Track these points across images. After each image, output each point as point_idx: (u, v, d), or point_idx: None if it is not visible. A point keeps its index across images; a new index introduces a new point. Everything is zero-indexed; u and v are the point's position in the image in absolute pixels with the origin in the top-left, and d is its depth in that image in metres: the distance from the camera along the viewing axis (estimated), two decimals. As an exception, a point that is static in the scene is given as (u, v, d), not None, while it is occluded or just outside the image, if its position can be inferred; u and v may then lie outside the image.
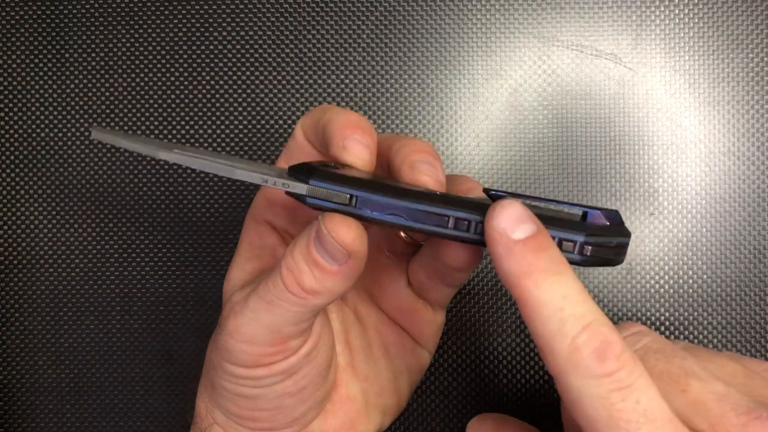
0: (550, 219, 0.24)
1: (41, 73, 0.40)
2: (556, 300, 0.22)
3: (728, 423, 0.22)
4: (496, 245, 0.23)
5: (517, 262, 0.22)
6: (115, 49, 0.39)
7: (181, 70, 0.39)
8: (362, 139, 0.26)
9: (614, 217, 0.24)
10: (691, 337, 0.38)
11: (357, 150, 0.26)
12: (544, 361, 0.22)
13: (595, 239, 0.24)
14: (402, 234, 0.30)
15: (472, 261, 0.28)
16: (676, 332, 0.38)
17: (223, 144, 0.39)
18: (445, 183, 0.26)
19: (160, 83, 0.39)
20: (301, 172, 0.25)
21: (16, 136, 0.40)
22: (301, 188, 0.25)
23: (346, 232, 0.24)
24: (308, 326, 0.27)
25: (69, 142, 0.39)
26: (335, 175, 0.25)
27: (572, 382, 0.21)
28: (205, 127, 0.39)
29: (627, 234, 0.24)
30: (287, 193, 0.25)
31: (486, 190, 0.25)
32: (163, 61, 0.39)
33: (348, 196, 0.24)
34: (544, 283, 0.22)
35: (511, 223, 0.23)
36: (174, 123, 0.39)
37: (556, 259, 0.23)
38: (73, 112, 0.39)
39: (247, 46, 0.39)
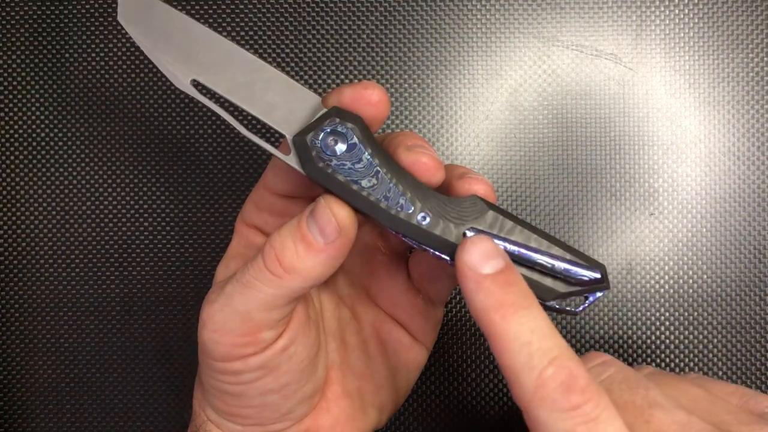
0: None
1: (41, 73, 0.40)
2: (524, 334, 0.22)
3: None
4: (466, 280, 0.24)
5: (486, 297, 0.23)
6: (115, 49, 0.39)
7: (181, 70, 0.39)
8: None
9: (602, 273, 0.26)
10: (691, 337, 0.38)
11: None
12: (512, 393, 0.23)
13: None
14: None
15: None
16: (676, 332, 0.38)
17: (223, 144, 0.39)
18: (442, 163, 0.27)
19: (160, 83, 0.39)
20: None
21: (16, 136, 0.40)
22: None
23: (343, 211, 0.26)
24: (280, 318, 0.27)
25: (69, 142, 0.39)
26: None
27: (540, 415, 0.22)
28: (205, 127, 0.39)
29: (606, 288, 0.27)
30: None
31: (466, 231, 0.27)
32: (163, 61, 0.39)
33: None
34: (513, 317, 0.23)
35: (480, 258, 0.24)
36: (174, 123, 0.39)
37: (524, 293, 0.23)
38: (73, 112, 0.39)
39: (247, 46, 0.39)
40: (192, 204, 0.39)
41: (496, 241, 0.26)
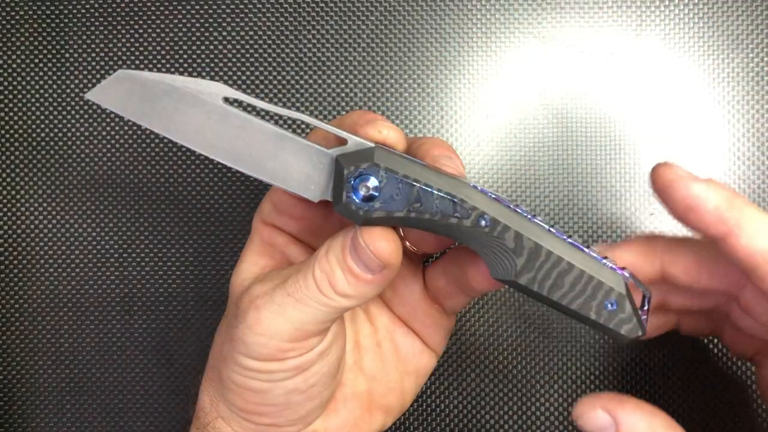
0: None
1: (41, 73, 0.40)
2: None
3: None
4: (691, 183, 0.26)
5: (718, 191, 0.26)
6: (115, 49, 0.39)
7: (181, 70, 0.39)
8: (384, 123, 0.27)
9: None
10: (691, 337, 0.38)
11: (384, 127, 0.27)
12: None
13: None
14: (409, 245, 0.31)
15: (496, 285, 0.29)
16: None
17: (223, 144, 0.39)
18: (464, 175, 0.27)
19: (160, 83, 0.39)
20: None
21: (16, 136, 0.40)
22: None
23: (384, 246, 0.26)
24: (330, 325, 0.28)
25: (69, 142, 0.39)
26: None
27: None
28: (205, 127, 0.39)
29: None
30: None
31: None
32: (163, 61, 0.39)
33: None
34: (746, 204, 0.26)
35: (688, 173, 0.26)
36: (174, 123, 0.39)
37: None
38: (73, 112, 0.39)
39: (247, 46, 0.39)
40: (192, 203, 0.39)
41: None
